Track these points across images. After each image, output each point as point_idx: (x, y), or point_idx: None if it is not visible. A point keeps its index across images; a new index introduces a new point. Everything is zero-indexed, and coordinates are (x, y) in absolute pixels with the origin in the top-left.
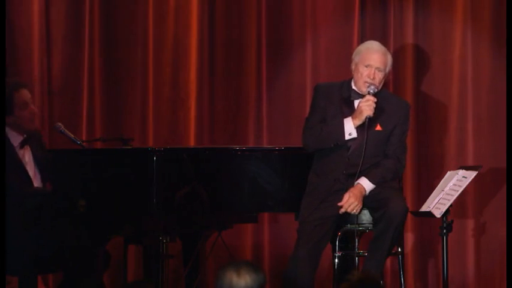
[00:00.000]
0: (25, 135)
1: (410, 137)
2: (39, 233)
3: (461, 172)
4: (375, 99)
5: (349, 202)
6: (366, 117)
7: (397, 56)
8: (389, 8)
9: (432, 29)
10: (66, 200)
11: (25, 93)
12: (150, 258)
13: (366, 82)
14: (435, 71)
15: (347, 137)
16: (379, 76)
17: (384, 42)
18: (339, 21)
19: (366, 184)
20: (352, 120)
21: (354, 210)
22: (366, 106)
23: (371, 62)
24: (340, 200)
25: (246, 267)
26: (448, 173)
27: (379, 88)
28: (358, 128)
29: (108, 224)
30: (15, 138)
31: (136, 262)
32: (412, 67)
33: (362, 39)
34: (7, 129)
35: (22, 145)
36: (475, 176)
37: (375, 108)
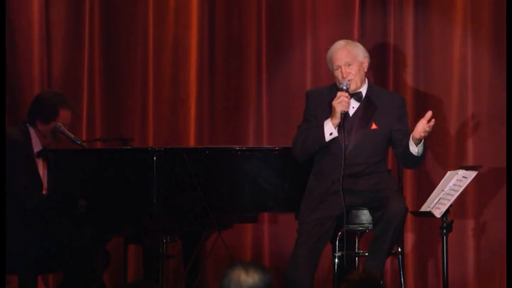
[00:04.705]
0: (43, 148)
1: None
2: (40, 233)
3: (461, 172)
4: (347, 94)
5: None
6: (341, 113)
7: (397, 56)
8: (389, 8)
9: (432, 29)
10: (67, 200)
11: (68, 116)
12: (150, 258)
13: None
14: (435, 71)
15: (328, 138)
16: (352, 69)
17: (384, 42)
18: (339, 21)
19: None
20: (331, 121)
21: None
22: (337, 103)
23: (337, 62)
24: (338, 201)
25: (255, 266)
26: (448, 173)
27: (364, 78)
28: (341, 128)
29: (108, 224)
30: (36, 146)
31: (136, 262)
32: (412, 67)
33: (362, 39)
34: (33, 133)
35: (39, 155)
36: (475, 176)
37: (371, 107)
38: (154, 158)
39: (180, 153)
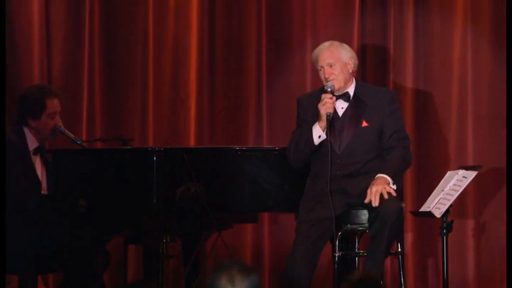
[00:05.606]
0: (41, 143)
1: (411, 137)
2: (40, 233)
3: (461, 172)
4: (331, 96)
5: (373, 192)
6: (327, 116)
7: (397, 56)
8: (389, 8)
9: (432, 29)
10: (67, 200)
11: (56, 104)
12: (150, 258)
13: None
14: (435, 71)
15: (317, 141)
16: (335, 70)
17: (384, 42)
18: (339, 21)
19: (385, 175)
20: (318, 124)
21: (385, 196)
22: (321, 106)
23: (320, 63)
24: (337, 201)
25: (239, 271)
26: (448, 173)
27: (349, 78)
28: (329, 129)
29: (108, 224)
30: (32, 143)
31: (136, 262)
32: (412, 67)
33: (362, 39)
34: (27, 132)
35: (35, 152)
36: (475, 176)
37: (360, 105)
38: (154, 158)
39: (180, 153)
